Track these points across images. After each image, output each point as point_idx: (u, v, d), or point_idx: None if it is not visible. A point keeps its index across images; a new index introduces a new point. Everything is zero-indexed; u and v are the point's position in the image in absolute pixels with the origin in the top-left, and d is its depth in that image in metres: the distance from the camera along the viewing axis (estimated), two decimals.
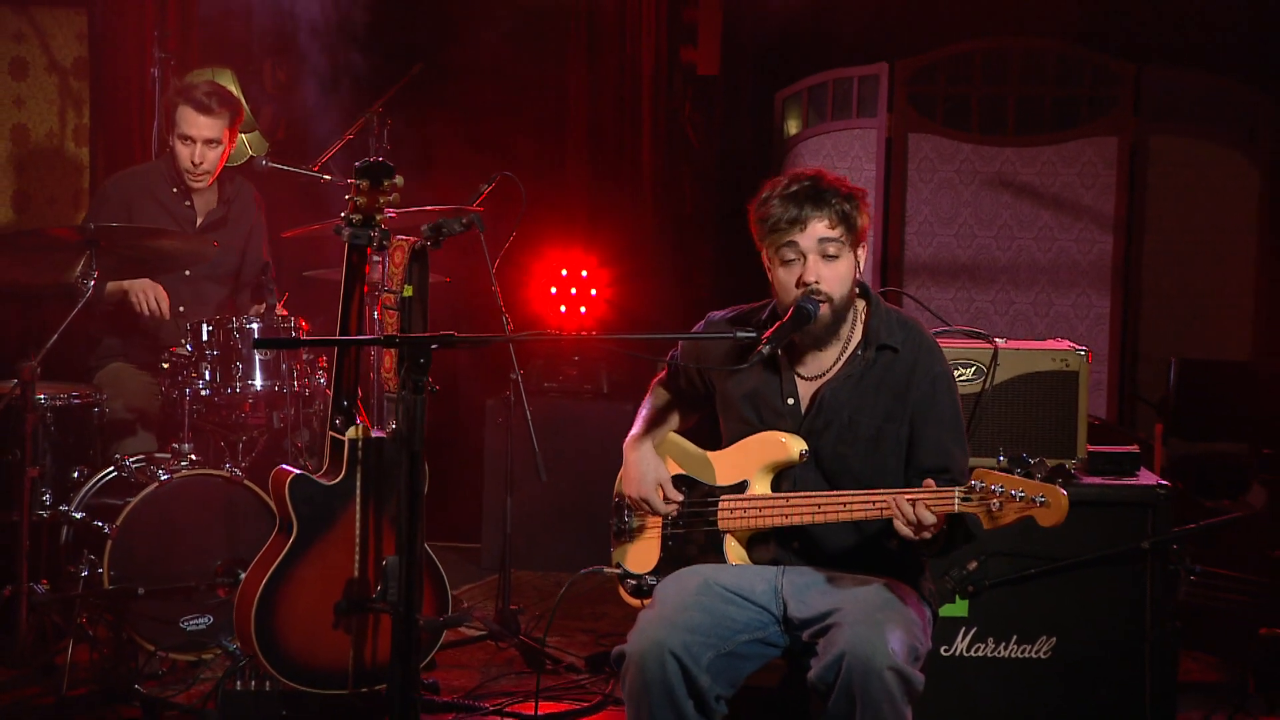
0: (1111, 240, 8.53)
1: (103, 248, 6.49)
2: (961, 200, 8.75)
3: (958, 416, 4.77)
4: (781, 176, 4.71)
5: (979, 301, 8.75)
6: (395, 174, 5.00)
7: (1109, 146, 8.54)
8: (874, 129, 8.80)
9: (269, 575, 5.48)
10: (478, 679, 6.86)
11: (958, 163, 8.75)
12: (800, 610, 4.61)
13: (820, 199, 4.63)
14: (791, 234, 4.64)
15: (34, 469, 6.49)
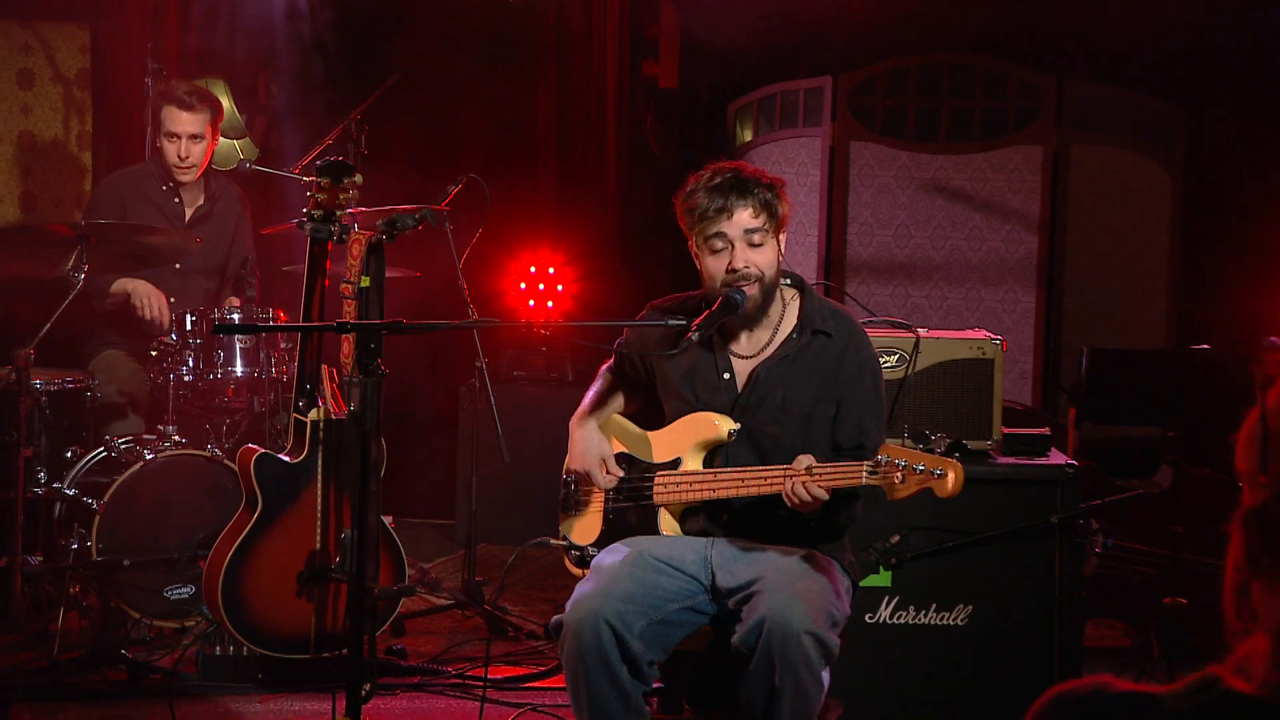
0: (1036, 240, 8.49)
1: (93, 243, 6.45)
2: (899, 203, 8.71)
3: (879, 399, 4.75)
4: (704, 170, 4.69)
5: (915, 297, 8.70)
6: (355, 173, 4.94)
7: (1034, 154, 8.51)
8: (818, 137, 8.76)
9: (235, 547, 5.42)
10: (444, 644, 6.84)
11: (895, 169, 8.71)
12: (727, 580, 4.57)
13: (744, 189, 4.63)
14: (719, 223, 4.62)
15: (28, 449, 6.47)
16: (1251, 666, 1.77)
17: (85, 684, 6.10)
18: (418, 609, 7.28)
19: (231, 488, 6.30)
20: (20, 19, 8.86)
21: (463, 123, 9.33)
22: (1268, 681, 1.76)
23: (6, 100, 8.86)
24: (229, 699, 6.03)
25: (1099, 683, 1.83)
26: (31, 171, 8.92)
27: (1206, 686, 1.79)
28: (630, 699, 4.41)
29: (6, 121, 8.86)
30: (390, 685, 6.29)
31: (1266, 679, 1.76)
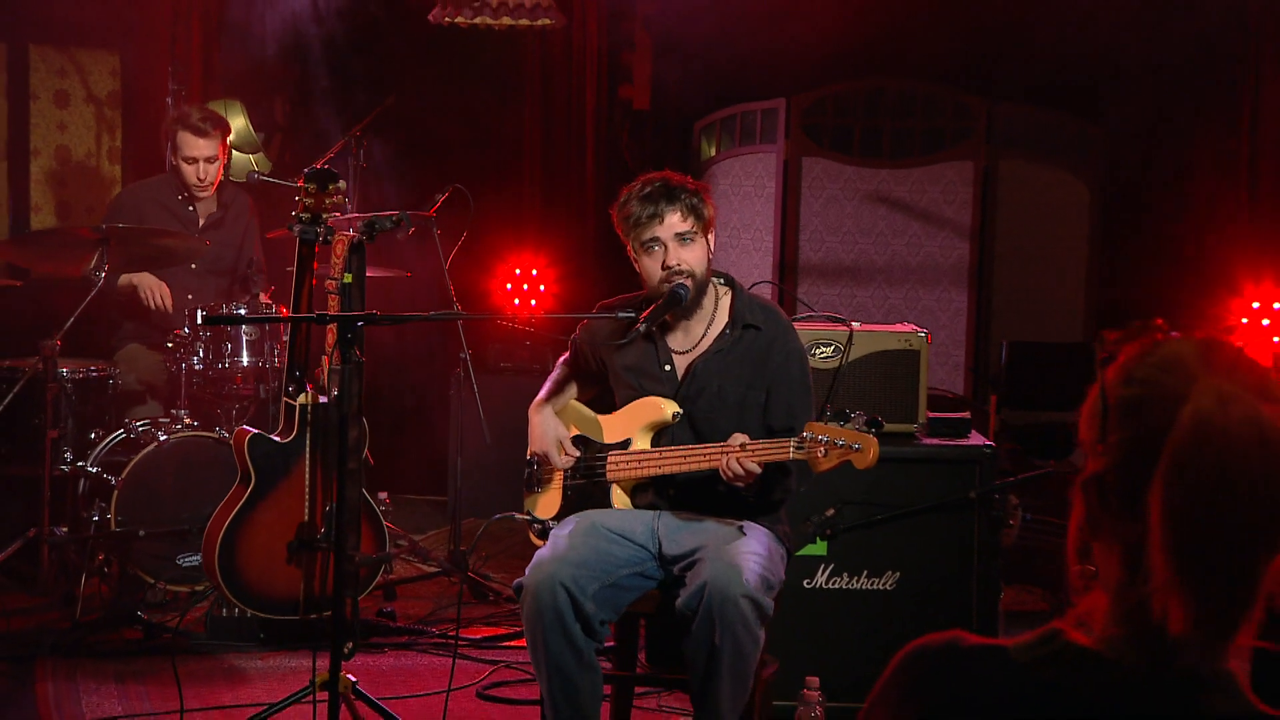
0: (968, 246, 8.46)
1: (113, 245, 6.44)
2: (846, 213, 8.66)
3: (807, 384, 4.72)
4: (635, 182, 4.70)
5: (860, 297, 8.66)
6: (339, 179, 4.89)
7: (966, 169, 8.47)
8: (774, 153, 8.71)
9: (230, 519, 5.39)
10: (430, 608, 6.80)
11: (843, 182, 8.67)
12: (672, 548, 4.55)
13: (672, 195, 4.65)
14: (652, 228, 4.63)
15: (54, 431, 6.46)
16: (1091, 621, 1.73)
17: (104, 642, 6.08)
18: (408, 576, 7.24)
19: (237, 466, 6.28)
20: (57, 45, 8.83)
21: (454, 139, 9.28)
22: (1105, 635, 1.72)
23: (45, 118, 8.83)
24: (233, 656, 6.00)
25: (954, 636, 1.79)
26: (66, 183, 8.88)
27: (1049, 639, 1.74)
28: (583, 655, 4.38)
29: (45, 137, 8.83)
30: (380, 644, 6.25)
31: (1104, 633, 1.72)
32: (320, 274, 5.37)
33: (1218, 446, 1.65)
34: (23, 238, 7.68)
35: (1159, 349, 1.75)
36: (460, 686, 5.68)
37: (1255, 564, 1.66)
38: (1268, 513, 1.66)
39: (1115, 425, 1.74)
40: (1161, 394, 1.70)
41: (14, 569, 6.58)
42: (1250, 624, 1.68)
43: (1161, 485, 1.65)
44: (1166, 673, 1.68)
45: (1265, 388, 1.72)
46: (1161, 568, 1.64)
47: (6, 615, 6.27)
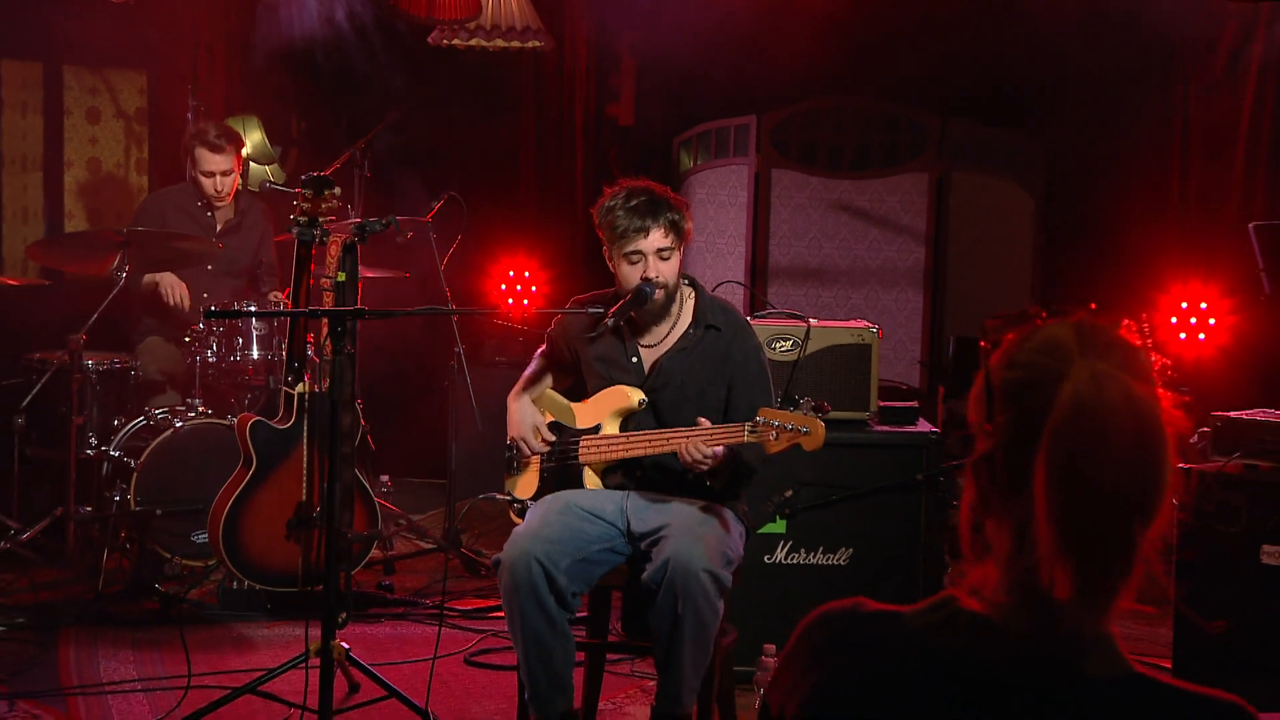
0: (924, 251, 8.41)
1: (134, 247, 6.41)
2: (811, 220, 8.62)
3: (765, 378, 4.69)
4: (619, 187, 4.65)
5: (824, 297, 8.62)
6: (334, 186, 4.84)
7: (921, 180, 8.42)
8: (746, 165, 8.66)
9: (233, 499, 5.35)
10: (426, 581, 6.76)
11: (809, 191, 8.62)
12: (640, 525, 4.52)
13: (657, 213, 4.61)
14: (636, 241, 4.59)
15: (79, 418, 6.47)
16: (983, 589, 1.70)
17: (124, 613, 6.06)
18: (407, 552, 7.20)
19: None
20: (89, 66, 8.79)
21: (453, 152, 9.26)
22: (995, 602, 1.68)
23: (78, 133, 8.78)
24: (241, 625, 5.98)
25: (856, 603, 1.76)
26: (98, 192, 8.84)
27: (943, 605, 1.71)
28: (556, 624, 4.34)
29: (78, 150, 8.78)
30: (378, 614, 6.23)
31: (994, 600, 1.68)
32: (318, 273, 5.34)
33: (1094, 423, 1.61)
34: (51, 240, 7.64)
35: (1038, 334, 1.71)
36: (449, 654, 5.66)
37: (1131, 532, 1.63)
38: (1141, 484, 1.63)
39: (1000, 407, 1.70)
40: (1041, 376, 1.66)
41: (42, 545, 6.57)
42: (1129, 588, 1.65)
43: (1043, 461, 1.62)
44: (1051, 637, 1.64)
45: (1138, 367, 1.68)
46: (1046, 538, 1.61)
47: (35, 588, 6.24)
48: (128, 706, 5.00)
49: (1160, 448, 1.64)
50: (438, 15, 6.76)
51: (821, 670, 1.70)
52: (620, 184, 4.70)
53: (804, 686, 1.69)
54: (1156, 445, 1.64)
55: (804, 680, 1.70)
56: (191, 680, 5.04)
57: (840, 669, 1.69)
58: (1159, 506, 1.65)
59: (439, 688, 5.21)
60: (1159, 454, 1.64)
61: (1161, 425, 1.65)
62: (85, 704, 5.02)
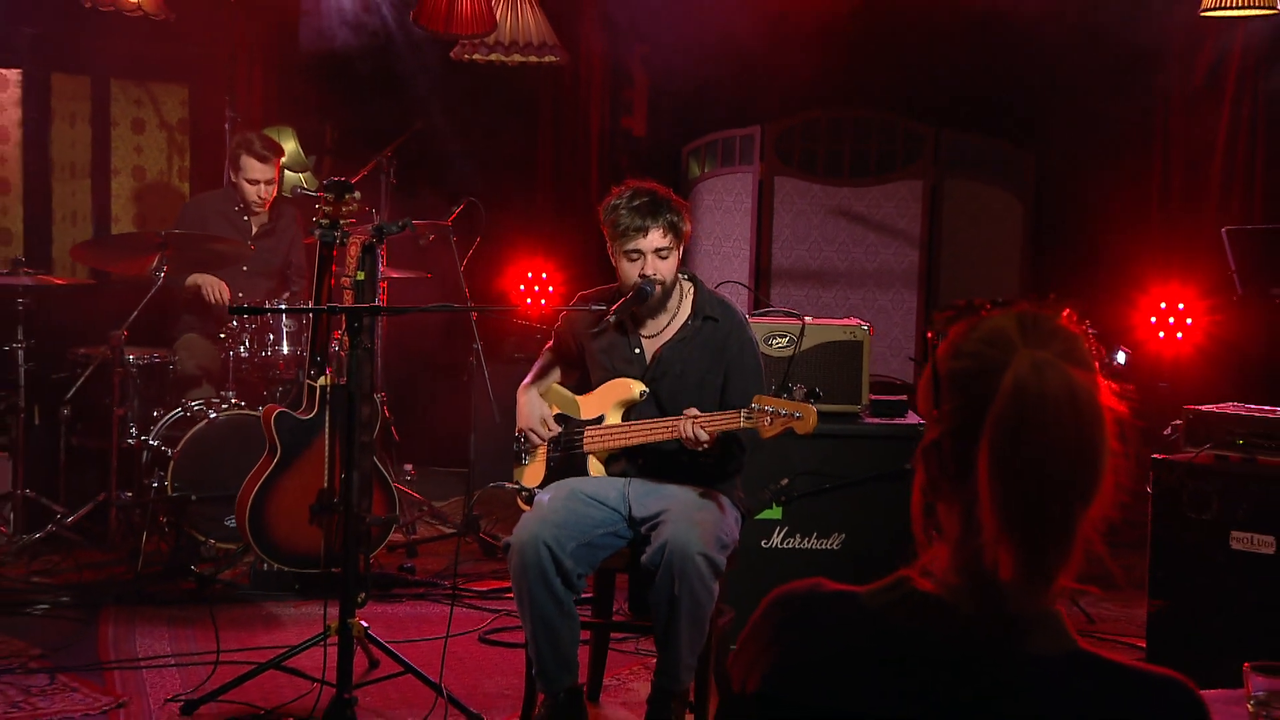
0: (918, 254, 8.37)
1: (171, 249, 6.39)
2: (812, 225, 8.58)
3: (759, 368, 4.65)
4: (625, 186, 4.62)
5: (824, 298, 8.58)
6: (354, 190, 4.80)
7: (916, 187, 8.39)
8: (750, 173, 8.63)
9: (259, 485, 5.32)
10: (446, 563, 6.72)
11: (810, 198, 8.59)
12: (640, 511, 4.48)
13: (657, 213, 4.56)
14: (636, 241, 4.55)
15: (120, 409, 6.44)
16: (935, 570, 1.67)
17: (162, 592, 6.04)
18: (428, 536, 7.17)
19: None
20: (135, 79, 8.79)
21: (475, 160, 9.22)
22: (945, 582, 1.66)
23: (124, 142, 8.78)
24: (271, 604, 5.96)
25: (814, 582, 1.73)
26: (143, 198, 8.84)
27: (897, 585, 1.68)
28: (563, 604, 4.32)
29: (124, 159, 8.78)
30: (400, 595, 6.20)
31: (945, 580, 1.66)
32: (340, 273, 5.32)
33: (1034, 410, 1.58)
34: (94, 241, 7.63)
35: (983, 324, 1.68)
36: (464, 632, 5.64)
37: (1071, 515, 1.60)
38: (1080, 468, 1.60)
39: (947, 395, 1.67)
40: (985, 365, 1.63)
41: (86, 528, 6.57)
42: (1069, 569, 1.61)
43: (986, 447, 1.59)
44: (996, 615, 1.61)
45: (1078, 355, 1.65)
46: (990, 521, 1.58)
47: (79, 568, 6.24)
48: (160, 680, 4.98)
49: (1099, 433, 1.61)
50: (455, 30, 6.72)
51: (781, 646, 1.67)
52: (626, 184, 4.67)
53: (765, 662, 1.67)
54: (1095, 430, 1.61)
55: (765, 656, 1.67)
56: (221, 656, 5.03)
57: (799, 645, 1.66)
58: (1098, 489, 1.62)
59: (454, 664, 5.19)
60: (1097, 439, 1.61)
61: (1100, 411, 1.62)
62: (121, 677, 5.00)
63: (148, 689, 4.87)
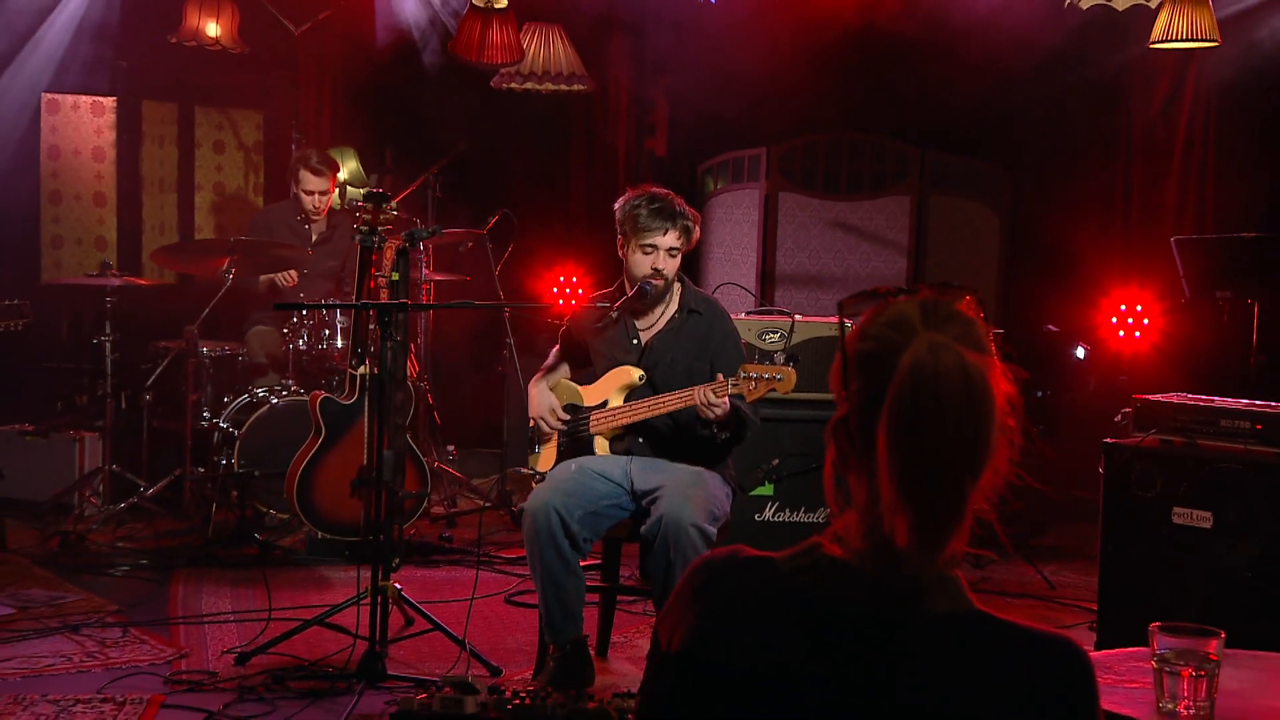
0: (906, 262, 8.26)
1: (239, 253, 6.36)
2: (812, 235, 8.48)
3: (740, 355, 4.61)
4: (642, 189, 4.60)
5: (822, 300, 8.47)
6: (391, 200, 4.75)
7: (904, 202, 8.27)
8: (757, 189, 8.53)
9: (305, 463, 5.30)
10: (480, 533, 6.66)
11: (810, 211, 8.48)
12: (641, 485, 4.45)
13: (675, 217, 4.57)
14: (654, 237, 4.54)
15: (194, 395, 6.42)
16: (846, 537, 1.59)
17: (228, 556, 6.03)
18: (466, 509, 7.11)
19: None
20: (216, 106, 8.82)
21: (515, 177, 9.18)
22: (855, 548, 1.59)
23: (207, 162, 8.79)
24: (324, 568, 5.93)
25: (734, 549, 1.66)
26: (222, 210, 8.84)
27: (809, 551, 1.61)
28: (569, 564, 4.29)
29: (207, 176, 8.78)
30: (438, 560, 6.16)
31: (855, 546, 1.58)
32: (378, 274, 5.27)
33: (929, 389, 1.51)
34: (172, 247, 7.61)
35: (889, 310, 1.61)
36: (491, 594, 5.59)
37: (962, 486, 1.53)
38: (970, 443, 1.52)
39: (854, 375, 1.60)
40: (887, 347, 1.56)
41: (164, 500, 6.55)
42: (961, 536, 1.54)
43: (885, 422, 1.52)
44: (895, 578, 1.54)
45: (974, 338, 1.58)
46: (888, 491, 1.51)
47: (156, 535, 6.24)
48: (220, 634, 4.95)
49: (989, 411, 1.54)
50: (487, 59, 6.66)
51: (701, 606, 1.60)
52: (644, 187, 4.63)
53: (687, 621, 1.60)
54: (985, 408, 1.53)
55: (687, 616, 1.61)
56: (273, 614, 5.00)
57: (717, 605, 1.60)
58: (988, 463, 1.54)
59: (480, 622, 5.15)
60: (987, 416, 1.54)
61: (991, 391, 1.54)
62: (185, 631, 4.98)
63: (208, 642, 4.84)
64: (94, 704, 4.12)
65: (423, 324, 7.38)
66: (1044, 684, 1.50)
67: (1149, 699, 2.35)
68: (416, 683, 4.24)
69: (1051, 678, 1.50)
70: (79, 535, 6.15)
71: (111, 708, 4.09)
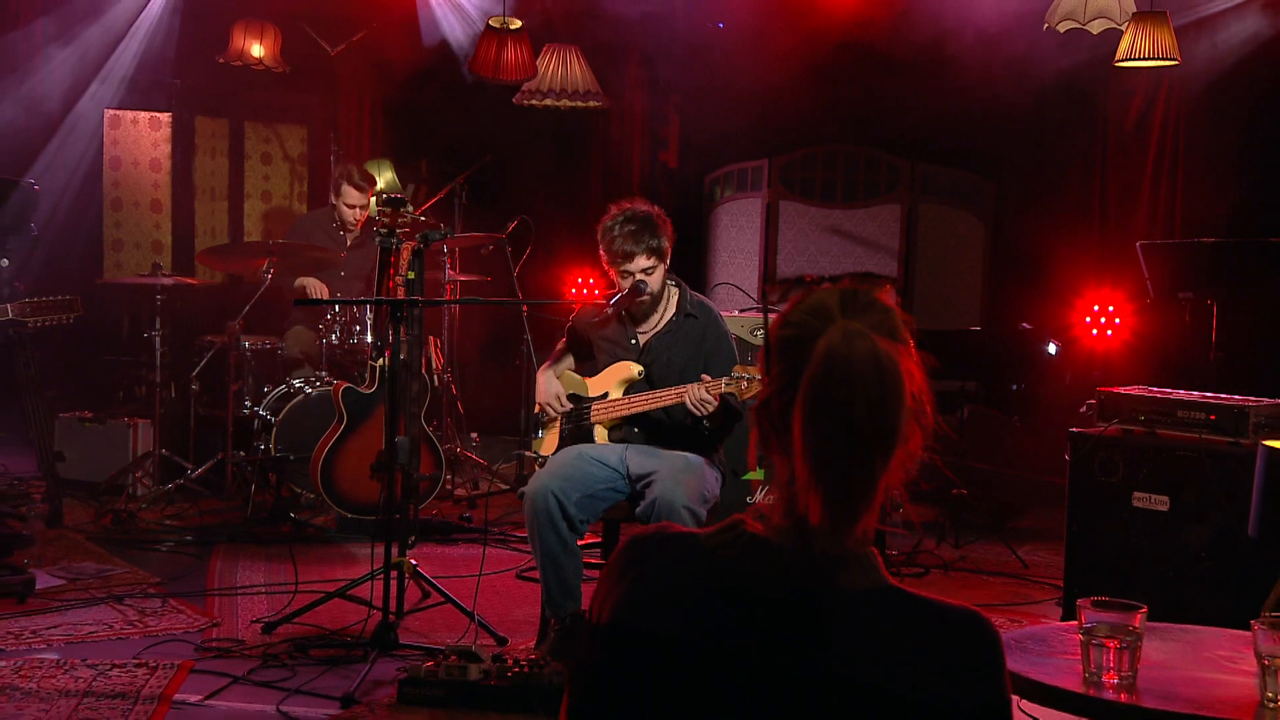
0: (897, 265, 8.18)
1: (277, 255, 6.33)
2: (810, 240, 8.41)
3: (733, 354, 4.52)
4: (621, 208, 4.49)
5: None
6: (407, 204, 4.70)
7: (896, 210, 8.20)
8: (760, 198, 8.48)
9: (328, 447, 5.25)
10: (499, 513, 6.63)
11: (808, 218, 8.42)
12: (636, 470, 4.37)
13: (640, 241, 4.42)
14: (624, 264, 4.44)
15: (236, 385, 6.38)
16: (768, 514, 1.53)
17: (265, 534, 5.99)
18: (488, 491, 7.06)
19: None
20: (264, 121, 8.79)
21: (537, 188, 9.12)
22: (776, 525, 1.52)
23: (255, 173, 8.76)
24: (352, 545, 5.88)
25: (661, 526, 1.60)
26: (269, 217, 8.81)
27: (732, 528, 1.55)
28: (567, 543, 4.23)
29: (254, 186, 8.76)
30: (457, 539, 6.11)
31: (776, 524, 1.52)
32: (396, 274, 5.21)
33: (842, 373, 1.44)
34: (216, 248, 7.54)
35: (811, 298, 1.54)
36: (503, 570, 5.55)
37: (872, 466, 1.46)
38: (880, 427, 1.46)
39: (775, 360, 1.54)
40: (805, 333, 1.50)
41: (207, 481, 6.53)
42: (872, 514, 1.47)
43: (801, 404, 1.45)
44: (809, 555, 1.47)
45: (888, 327, 1.51)
46: (801, 471, 1.45)
47: (200, 513, 6.22)
48: (250, 604, 4.91)
49: (898, 395, 1.47)
50: (502, 76, 6.61)
51: (627, 581, 1.54)
52: (623, 204, 4.53)
53: (614, 595, 1.54)
54: (895, 393, 1.46)
55: (615, 589, 1.54)
56: (300, 586, 4.95)
57: (642, 580, 1.53)
58: (897, 446, 1.47)
59: (492, 596, 5.10)
60: (897, 400, 1.46)
61: (901, 376, 1.47)
62: (219, 602, 4.94)
63: (239, 612, 4.81)
64: (128, 668, 4.09)
65: (447, 321, 7.33)
66: (953, 656, 1.43)
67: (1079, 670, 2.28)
68: (426, 651, 4.19)
69: (961, 650, 1.44)
70: (129, 513, 6.12)
71: (144, 672, 4.06)
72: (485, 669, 3.90)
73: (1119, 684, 2.22)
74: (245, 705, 3.86)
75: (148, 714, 3.72)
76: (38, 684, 3.92)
